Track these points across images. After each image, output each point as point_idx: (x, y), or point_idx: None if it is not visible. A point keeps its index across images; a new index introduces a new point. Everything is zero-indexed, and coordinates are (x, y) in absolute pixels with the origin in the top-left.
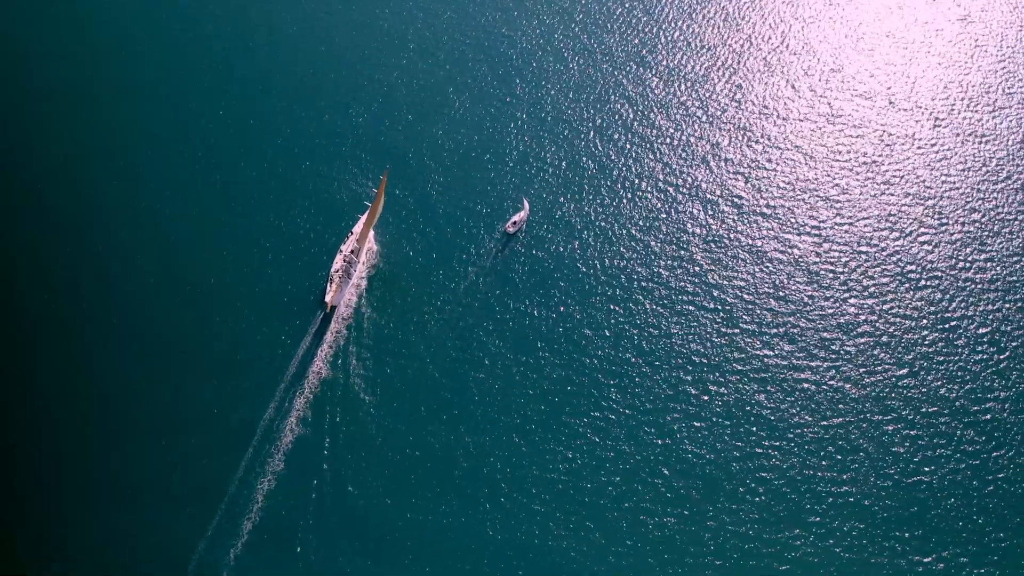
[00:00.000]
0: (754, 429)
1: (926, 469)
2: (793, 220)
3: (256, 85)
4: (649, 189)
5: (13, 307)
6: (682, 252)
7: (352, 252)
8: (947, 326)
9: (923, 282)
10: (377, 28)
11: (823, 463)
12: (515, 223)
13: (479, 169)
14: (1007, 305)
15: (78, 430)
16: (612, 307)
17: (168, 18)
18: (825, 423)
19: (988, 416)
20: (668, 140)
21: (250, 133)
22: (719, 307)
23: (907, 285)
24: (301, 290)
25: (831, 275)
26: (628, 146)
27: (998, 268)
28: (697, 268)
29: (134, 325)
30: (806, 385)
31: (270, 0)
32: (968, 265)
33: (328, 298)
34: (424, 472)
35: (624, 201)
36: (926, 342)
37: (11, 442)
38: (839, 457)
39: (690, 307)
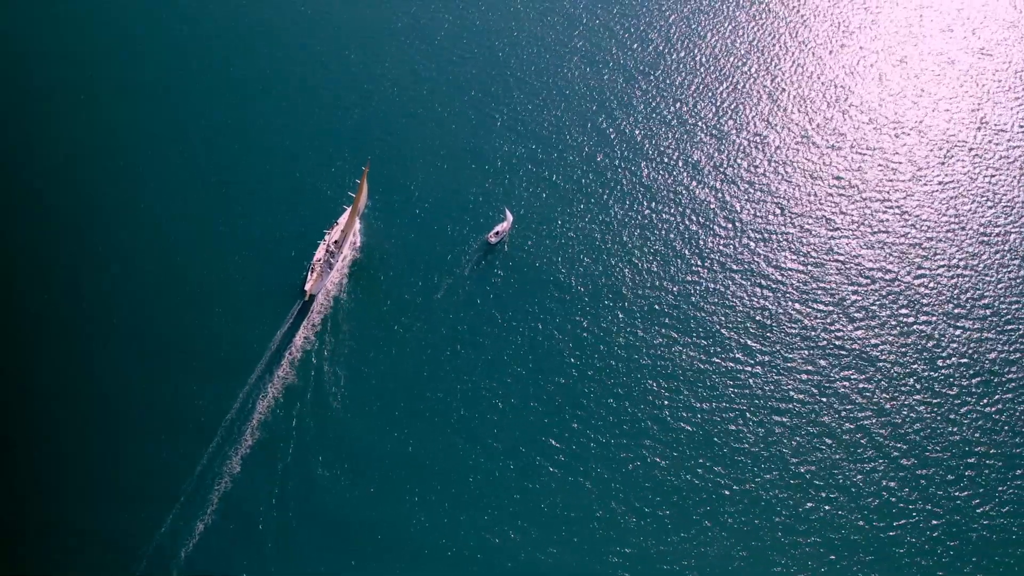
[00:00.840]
0: (720, 469)
1: (898, 523)
2: (784, 251)
3: (255, 84)
4: (636, 212)
5: (13, 307)
6: (664, 279)
7: (336, 243)
8: (936, 374)
9: (916, 326)
10: (376, 33)
11: (792, 510)
12: (497, 233)
13: (467, 177)
14: (1002, 355)
15: (77, 427)
16: (588, 328)
17: (168, 18)
18: (798, 468)
19: (972, 472)
20: (661, 161)
21: (247, 128)
22: (700, 335)
23: (898, 328)
24: (283, 278)
25: (819, 313)
26: (619, 165)
27: (996, 316)
28: (679, 295)
29: (121, 312)
30: (779, 429)
31: (269, 1)
32: (965, 311)
33: (308, 286)
34: (390, 470)
35: (610, 221)
36: (912, 389)
37: (11, 442)
38: (809, 505)
39: (669, 333)
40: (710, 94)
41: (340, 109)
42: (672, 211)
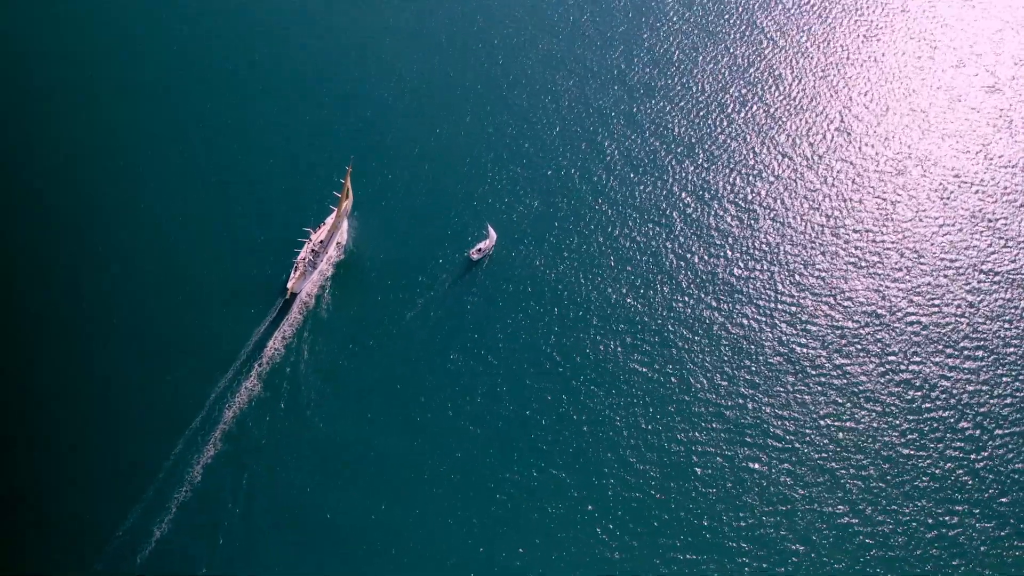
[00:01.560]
0: (683, 515)
1: None
2: (769, 288)
3: (254, 84)
4: (622, 241)
5: (13, 307)
6: (644, 313)
7: (321, 243)
8: (923, 426)
9: (903, 373)
10: (377, 40)
11: (754, 567)
12: (480, 250)
13: (455, 191)
14: (994, 408)
15: (66, 423)
16: (561, 356)
17: (168, 18)
18: (766, 521)
19: (956, 531)
20: (651, 190)
21: (246, 128)
22: (677, 370)
23: (886, 376)
24: (268, 275)
25: (803, 356)
26: (609, 192)
27: (990, 369)
28: (658, 327)
29: (119, 311)
30: (751, 476)
31: (269, 3)
32: (958, 361)
33: (290, 285)
34: (359, 474)
35: (596, 248)
36: (894, 442)
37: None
38: (774, 558)
39: (644, 369)
40: (706, 123)
41: (339, 113)
42: (659, 242)
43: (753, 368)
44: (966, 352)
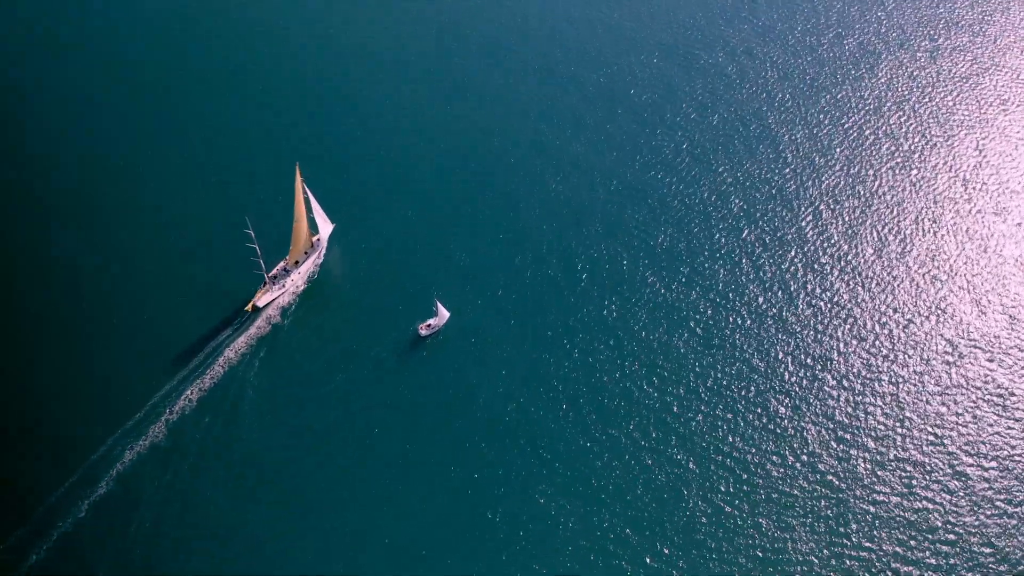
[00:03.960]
0: None
1: None
2: (732, 433)
3: (255, 84)
4: (572, 357)
5: (13, 307)
6: (582, 445)
7: (296, 263)
8: None
9: (856, 551)
10: (378, 44)
11: None
12: (429, 326)
13: (430, 261)
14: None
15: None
16: (484, 462)
17: (168, 19)
18: None
19: None
20: (621, 316)
21: (247, 130)
22: (591, 496)
23: (838, 551)
24: (244, 284)
25: (751, 526)
26: (576, 303)
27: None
28: (580, 462)
29: (94, 308)
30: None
31: (272, 10)
32: (921, 541)
33: (254, 299)
34: (275, 487)
35: (543, 362)
36: None
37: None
38: None
39: (557, 501)
40: (698, 234)
41: (339, 115)
42: (618, 373)
43: (683, 524)
44: (930, 538)
